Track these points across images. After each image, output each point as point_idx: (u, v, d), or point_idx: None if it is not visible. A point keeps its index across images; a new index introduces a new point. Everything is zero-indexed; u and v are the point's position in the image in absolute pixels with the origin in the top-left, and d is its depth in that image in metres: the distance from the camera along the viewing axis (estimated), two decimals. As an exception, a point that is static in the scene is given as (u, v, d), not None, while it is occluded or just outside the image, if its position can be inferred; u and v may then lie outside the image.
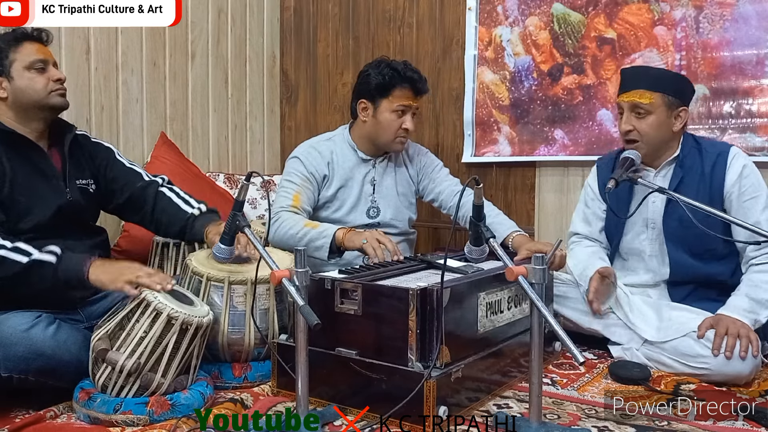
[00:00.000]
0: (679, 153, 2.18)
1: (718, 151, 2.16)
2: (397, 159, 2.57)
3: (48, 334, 1.68)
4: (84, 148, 2.05)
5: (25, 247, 1.72)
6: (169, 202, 2.11)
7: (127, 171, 2.11)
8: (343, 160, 2.47)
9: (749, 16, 2.41)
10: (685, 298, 2.17)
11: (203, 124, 3.12)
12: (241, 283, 1.89)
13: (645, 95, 2.11)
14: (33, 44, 1.90)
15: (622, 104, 2.16)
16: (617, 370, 1.97)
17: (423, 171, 2.59)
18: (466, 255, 1.77)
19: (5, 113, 1.88)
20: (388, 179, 2.53)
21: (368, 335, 1.68)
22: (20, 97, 1.87)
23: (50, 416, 1.65)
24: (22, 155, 1.87)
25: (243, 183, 1.71)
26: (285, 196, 2.37)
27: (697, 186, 2.14)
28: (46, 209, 1.87)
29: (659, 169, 2.22)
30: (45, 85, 1.88)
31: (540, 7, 2.80)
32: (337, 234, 2.19)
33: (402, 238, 2.54)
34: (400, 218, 2.54)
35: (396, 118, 2.38)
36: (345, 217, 2.44)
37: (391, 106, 2.37)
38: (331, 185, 2.45)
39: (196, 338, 1.71)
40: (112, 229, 2.25)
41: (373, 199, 2.49)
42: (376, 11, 3.23)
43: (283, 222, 2.26)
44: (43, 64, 1.89)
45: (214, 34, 3.14)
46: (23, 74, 1.86)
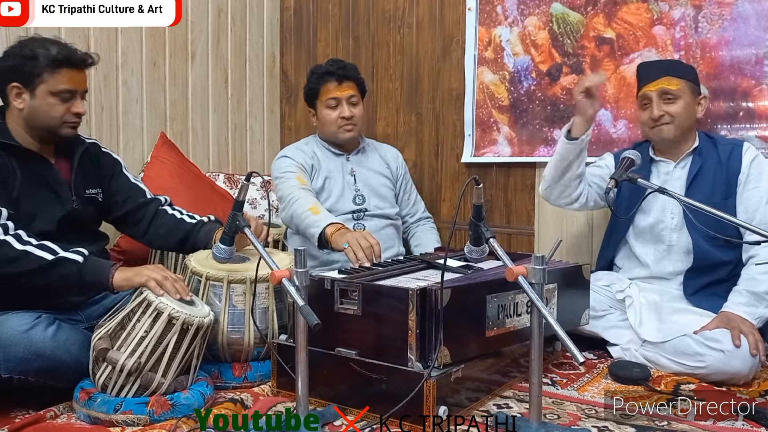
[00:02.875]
0: (698, 144, 2.25)
1: (733, 143, 2.24)
2: (370, 152, 2.73)
3: (48, 334, 1.68)
4: (93, 157, 2.06)
5: (52, 246, 1.73)
6: (171, 218, 2.13)
7: (130, 186, 2.12)
8: (323, 157, 2.64)
9: (748, 15, 2.41)
10: (696, 293, 2.17)
11: (203, 124, 3.12)
12: (240, 282, 1.89)
13: (672, 81, 2.21)
14: (71, 71, 1.85)
15: (649, 93, 2.22)
16: (617, 370, 1.97)
17: (404, 178, 2.79)
18: (466, 255, 1.77)
19: (17, 121, 1.87)
20: (365, 170, 2.67)
21: (368, 335, 1.68)
22: (34, 116, 1.85)
23: (50, 416, 1.65)
24: (29, 166, 1.87)
25: (243, 183, 1.72)
26: (291, 177, 2.48)
27: (714, 173, 2.19)
28: (51, 218, 1.87)
29: (679, 160, 2.26)
30: (62, 115, 1.86)
31: (539, 7, 2.80)
32: (327, 229, 2.21)
33: (389, 222, 2.64)
34: (384, 202, 2.66)
35: (331, 111, 2.56)
36: (334, 206, 2.55)
37: (323, 102, 2.57)
38: (318, 176, 2.59)
39: (196, 338, 1.71)
40: (112, 230, 2.25)
41: (356, 188, 2.62)
42: (376, 11, 3.23)
43: (299, 199, 2.37)
44: (70, 95, 1.86)
45: (214, 34, 3.14)
46: (47, 98, 1.84)
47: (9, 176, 1.81)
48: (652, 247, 2.28)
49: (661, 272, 2.26)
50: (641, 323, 2.13)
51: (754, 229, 1.76)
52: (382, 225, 2.59)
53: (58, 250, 1.73)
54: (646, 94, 2.23)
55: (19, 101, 1.85)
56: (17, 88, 1.84)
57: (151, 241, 2.16)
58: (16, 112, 1.87)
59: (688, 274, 2.21)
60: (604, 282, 2.29)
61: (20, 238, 1.71)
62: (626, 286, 2.26)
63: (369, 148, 2.75)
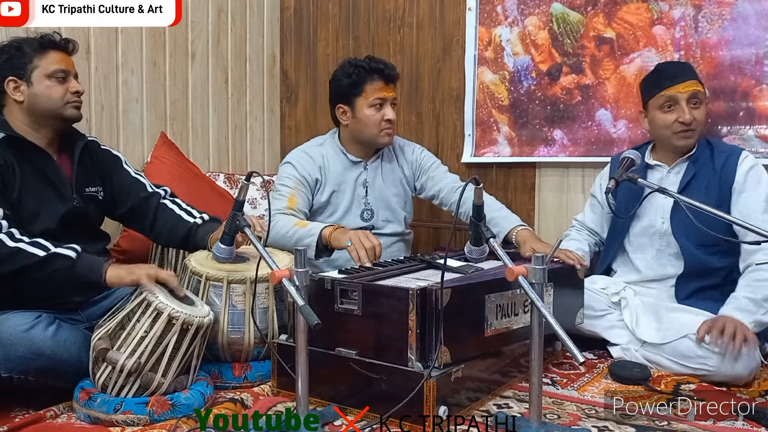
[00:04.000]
0: (696, 150, 2.22)
1: (729, 151, 2.21)
2: (389, 159, 2.57)
3: (48, 334, 1.68)
4: (93, 154, 2.06)
5: (44, 243, 1.73)
6: (171, 214, 2.11)
7: (131, 181, 2.12)
8: (335, 165, 2.48)
9: (748, 15, 2.41)
10: (689, 297, 2.17)
11: (203, 124, 3.12)
12: (240, 282, 1.89)
13: (699, 85, 2.19)
14: (58, 53, 1.91)
15: (678, 96, 2.16)
16: (617, 370, 1.97)
17: (419, 168, 2.59)
18: (466, 255, 1.77)
19: (18, 117, 1.89)
20: (380, 181, 2.53)
21: (368, 335, 1.68)
22: (36, 103, 1.87)
23: (50, 416, 1.65)
24: (31, 161, 1.87)
25: (243, 183, 1.72)
26: (280, 198, 2.38)
27: (707, 182, 2.17)
28: (53, 215, 1.87)
29: (673, 166, 2.25)
30: (62, 95, 1.89)
31: (539, 7, 2.80)
32: (324, 232, 2.18)
33: (397, 239, 2.55)
34: (394, 219, 2.54)
35: (375, 112, 2.39)
36: (339, 222, 2.44)
37: (367, 101, 2.38)
38: (324, 190, 2.46)
39: (196, 338, 1.71)
40: (112, 230, 2.25)
41: (366, 201, 2.50)
42: (376, 11, 3.23)
43: (277, 223, 2.27)
44: (64, 75, 1.90)
45: (214, 34, 3.14)
46: (43, 81, 1.88)
47: (9, 175, 1.82)
48: (644, 251, 2.29)
49: (653, 276, 2.27)
50: (638, 324, 2.13)
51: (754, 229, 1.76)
52: (389, 242, 2.49)
53: (50, 246, 1.73)
54: (676, 97, 2.16)
55: (18, 94, 1.87)
56: (13, 82, 1.87)
57: (157, 237, 2.16)
58: (16, 107, 1.88)
59: (680, 279, 2.21)
60: (600, 285, 2.29)
61: (12, 236, 1.71)
62: (621, 288, 2.27)
63: (389, 154, 2.57)
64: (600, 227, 2.46)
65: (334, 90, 2.46)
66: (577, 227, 2.51)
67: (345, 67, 2.44)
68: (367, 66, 2.39)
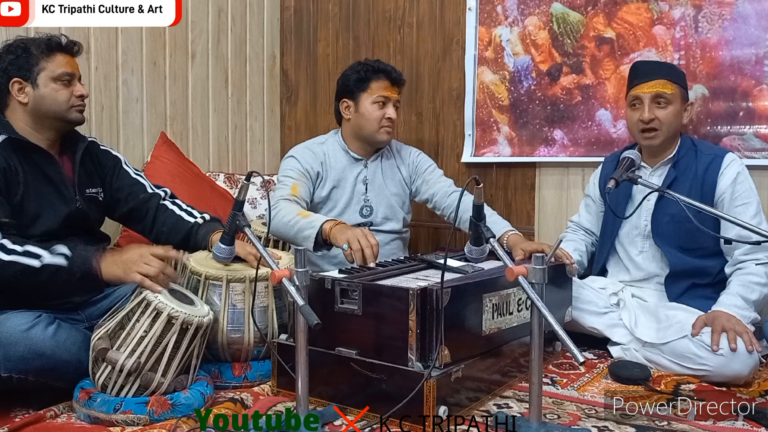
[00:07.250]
0: (675, 154, 2.22)
1: (713, 155, 2.19)
2: (389, 159, 2.60)
3: (48, 334, 1.68)
4: (94, 155, 2.06)
5: (35, 251, 1.72)
6: (171, 215, 2.11)
7: (132, 181, 2.12)
8: (336, 161, 2.52)
9: (748, 15, 2.41)
10: (681, 296, 2.18)
11: (203, 124, 3.12)
12: (240, 281, 1.89)
13: (667, 85, 2.17)
14: (64, 56, 1.91)
15: (642, 95, 2.18)
16: (617, 370, 1.97)
17: (416, 171, 2.62)
18: (466, 255, 1.77)
19: (21, 118, 1.88)
20: (380, 178, 2.56)
21: (368, 335, 1.68)
22: (40, 105, 1.87)
23: (50, 416, 1.65)
24: (34, 163, 1.87)
25: (243, 183, 1.72)
26: (283, 188, 2.42)
27: (689, 186, 2.16)
28: (55, 217, 1.87)
29: (656, 167, 2.25)
30: (68, 98, 1.89)
31: (539, 7, 2.80)
32: (325, 226, 2.18)
33: (395, 236, 2.58)
34: (393, 217, 2.57)
35: (378, 109, 2.45)
36: (339, 217, 2.46)
37: (371, 97, 2.44)
38: (324, 185, 2.50)
39: (196, 338, 1.71)
40: (112, 230, 2.25)
41: (366, 198, 2.54)
42: (376, 11, 3.23)
43: (281, 210, 2.29)
44: (69, 78, 1.90)
45: (214, 34, 3.14)
46: (49, 84, 1.87)
47: (13, 178, 1.81)
48: (631, 252, 2.31)
49: (643, 276, 2.28)
50: (636, 324, 2.13)
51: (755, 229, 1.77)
52: (387, 240, 2.52)
53: (42, 253, 1.71)
54: (640, 96, 2.19)
55: (23, 95, 1.86)
56: (18, 83, 1.86)
57: (157, 238, 2.15)
58: (20, 109, 1.88)
59: (668, 279, 2.22)
60: (599, 284, 2.30)
61: (4, 248, 1.70)
62: (619, 289, 2.28)
63: (388, 154, 2.62)
64: (596, 226, 2.47)
65: (341, 85, 2.53)
66: (573, 228, 2.52)
67: (354, 65, 2.52)
68: (375, 66, 2.48)
